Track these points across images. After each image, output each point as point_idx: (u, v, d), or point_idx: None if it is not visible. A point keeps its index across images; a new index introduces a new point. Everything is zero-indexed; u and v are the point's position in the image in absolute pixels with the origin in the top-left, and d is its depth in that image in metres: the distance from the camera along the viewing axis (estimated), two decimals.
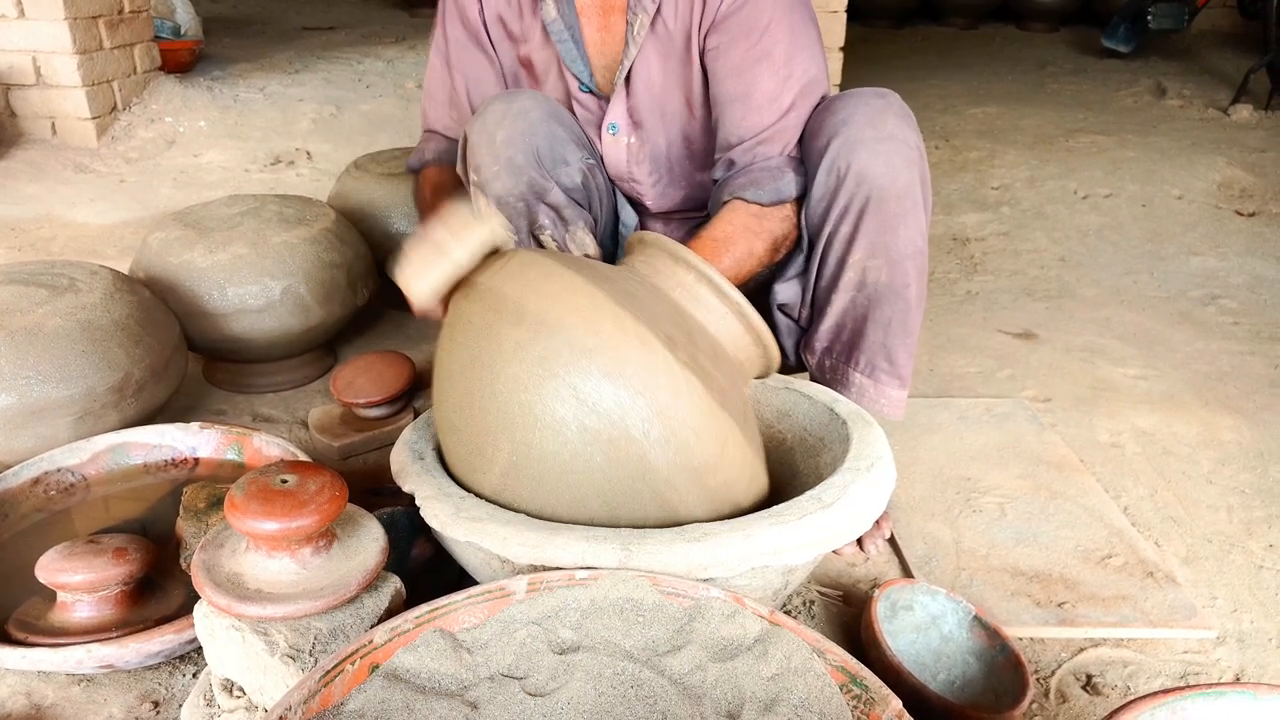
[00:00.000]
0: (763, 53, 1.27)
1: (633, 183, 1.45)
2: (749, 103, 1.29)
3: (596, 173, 1.40)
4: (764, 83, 1.27)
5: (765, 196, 1.28)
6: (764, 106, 1.28)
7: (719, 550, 0.85)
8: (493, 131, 1.28)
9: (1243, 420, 1.71)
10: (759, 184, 1.28)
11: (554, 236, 1.31)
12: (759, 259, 1.29)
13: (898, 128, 1.21)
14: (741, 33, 1.26)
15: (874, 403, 1.33)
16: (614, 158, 1.43)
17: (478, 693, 0.78)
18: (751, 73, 1.28)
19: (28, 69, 3.20)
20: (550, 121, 1.30)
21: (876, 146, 1.20)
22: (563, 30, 1.33)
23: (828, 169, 1.23)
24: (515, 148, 1.27)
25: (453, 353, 0.97)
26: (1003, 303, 2.32)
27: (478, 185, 1.31)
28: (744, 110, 1.29)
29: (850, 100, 1.25)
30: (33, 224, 2.72)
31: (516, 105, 1.30)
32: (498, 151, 1.27)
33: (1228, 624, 1.20)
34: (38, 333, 1.28)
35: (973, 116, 4.11)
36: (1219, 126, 3.98)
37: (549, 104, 1.33)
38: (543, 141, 1.29)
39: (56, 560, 1.01)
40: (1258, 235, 2.82)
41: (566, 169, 1.32)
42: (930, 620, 1.13)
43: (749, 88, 1.28)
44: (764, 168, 1.29)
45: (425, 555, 1.11)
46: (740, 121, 1.30)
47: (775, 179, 1.28)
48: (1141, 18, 5.14)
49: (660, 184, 1.45)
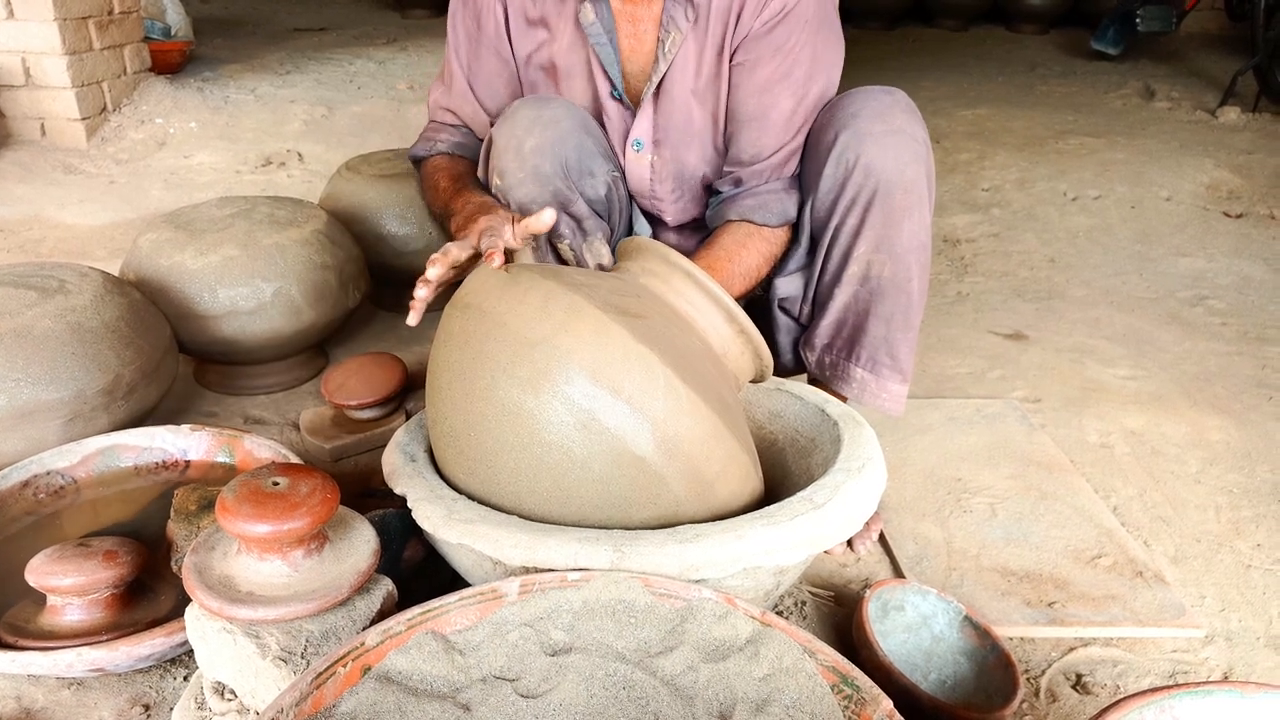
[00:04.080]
0: (785, 73, 1.28)
1: (654, 199, 1.44)
2: (765, 123, 1.30)
3: (620, 185, 1.39)
4: (783, 103, 1.29)
5: (773, 219, 1.32)
6: (780, 127, 1.30)
7: (711, 551, 0.85)
8: (522, 138, 1.27)
9: (1230, 420, 1.72)
10: (767, 208, 1.32)
11: (572, 246, 1.31)
12: (760, 277, 1.34)
13: (906, 122, 1.22)
14: (770, 52, 1.27)
15: (875, 398, 1.34)
16: (637, 174, 1.42)
17: (470, 694, 0.78)
18: (773, 93, 1.28)
19: (17, 70, 3.19)
20: (580, 132, 1.29)
21: (885, 140, 1.21)
22: (601, 34, 1.30)
23: (836, 160, 1.24)
24: (544, 156, 1.26)
25: (447, 358, 0.98)
26: (993, 304, 2.33)
27: (500, 190, 1.30)
28: (760, 131, 1.31)
29: (859, 96, 1.26)
30: (22, 225, 2.71)
31: (548, 113, 1.28)
32: (525, 159, 1.26)
33: (1216, 623, 1.21)
34: (27, 335, 1.28)
35: (963, 118, 4.13)
36: (1207, 128, 4.00)
37: (580, 114, 1.32)
38: (572, 152, 1.28)
39: (46, 563, 1.01)
40: (1245, 236, 2.84)
41: (592, 181, 1.31)
42: (921, 620, 1.13)
43: (768, 109, 1.29)
44: (771, 191, 1.32)
45: (417, 557, 1.11)
46: (755, 141, 1.31)
47: (782, 202, 1.32)
48: (1130, 20, 5.16)
49: (681, 200, 1.44)
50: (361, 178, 2.01)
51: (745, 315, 1.05)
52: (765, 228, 1.32)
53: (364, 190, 1.98)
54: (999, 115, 4.17)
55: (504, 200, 1.30)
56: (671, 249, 1.06)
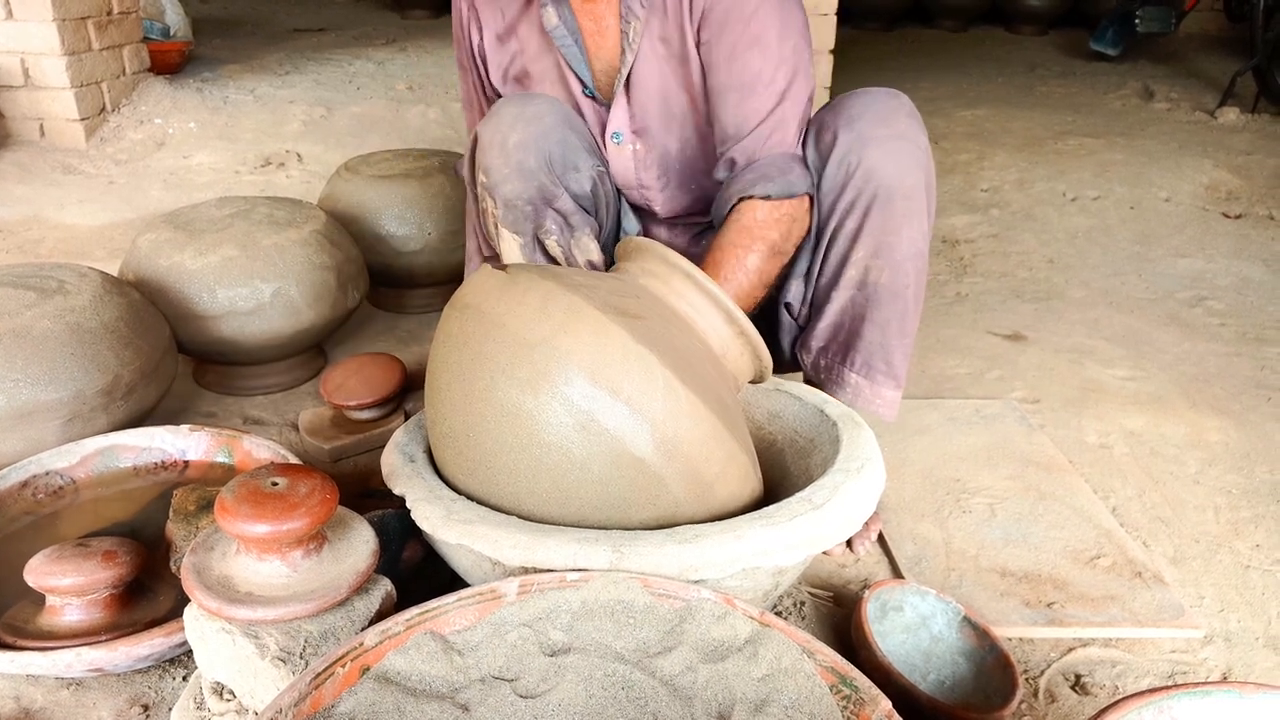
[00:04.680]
0: (753, 38, 1.24)
1: (642, 189, 1.44)
2: (743, 88, 1.26)
3: (605, 180, 1.39)
4: (756, 65, 1.25)
5: (775, 189, 1.23)
6: (759, 90, 1.25)
7: (709, 552, 0.85)
8: (506, 134, 1.27)
9: (1229, 421, 1.72)
10: (768, 178, 1.24)
11: (559, 242, 1.31)
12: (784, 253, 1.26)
13: (909, 128, 1.21)
14: (730, 21, 1.24)
15: (869, 403, 1.34)
16: (621, 167, 1.41)
17: (469, 695, 0.78)
18: (743, 59, 1.25)
19: (16, 70, 3.19)
20: (564, 127, 1.30)
21: (887, 144, 1.20)
22: (566, 35, 1.31)
23: (837, 163, 1.23)
24: (528, 151, 1.26)
25: (446, 358, 0.98)
26: (992, 304, 2.33)
27: (485, 187, 1.30)
28: (740, 97, 1.27)
29: (862, 98, 1.25)
30: (21, 226, 2.71)
31: (531, 109, 1.29)
32: (509, 154, 1.27)
33: (1215, 623, 1.21)
34: (26, 335, 1.28)
35: (962, 119, 4.13)
36: (1206, 129, 4.01)
37: (563, 109, 1.32)
38: (555, 147, 1.28)
39: (45, 564, 1.01)
40: (1244, 237, 2.84)
41: (577, 175, 1.31)
42: (920, 621, 1.13)
43: (742, 73, 1.26)
44: (770, 161, 1.26)
45: (416, 558, 1.11)
46: (737, 109, 1.27)
47: (784, 172, 1.24)
48: (1129, 21, 5.16)
49: (669, 188, 1.43)
50: (360, 178, 2.01)
51: (744, 316, 1.05)
52: (767, 201, 1.23)
53: (363, 191, 1.99)
54: (998, 116, 4.17)
55: (490, 196, 1.30)
56: (670, 249, 1.06)
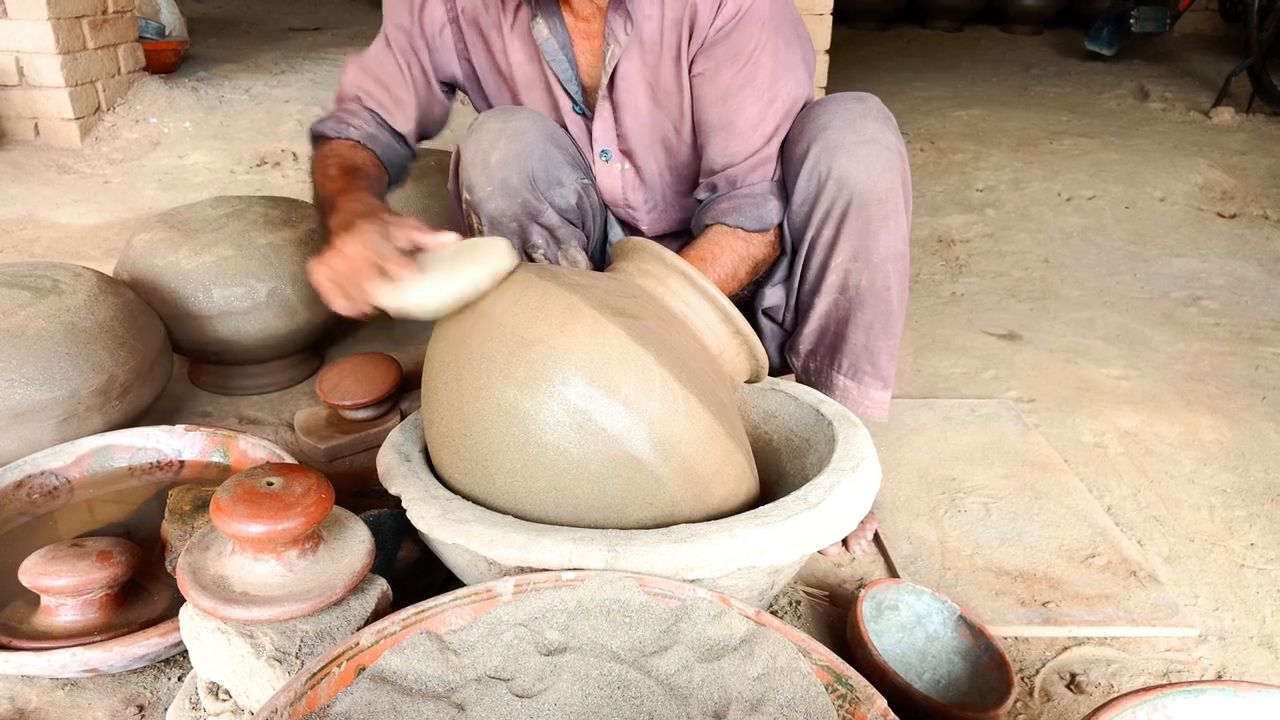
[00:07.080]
0: (748, 78, 1.25)
1: (629, 209, 1.44)
2: (733, 130, 1.28)
3: (591, 192, 1.39)
4: (748, 109, 1.26)
5: (749, 223, 1.29)
6: (747, 134, 1.28)
7: (705, 551, 0.85)
8: (488, 152, 1.27)
9: (1224, 420, 1.73)
10: (742, 211, 1.29)
11: (547, 255, 1.31)
12: (740, 281, 1.31)
13: (878, 131, 1.22)
14: (728, 58, 1.24)
15: (858, 404, 1.34)
16: (609, 185, 1.42)
17: (464, 694, 0.78)
18: (736, 100, 1.26)
19: (10, 69, 3.18)
20: (546, 143, 1.29)
21: (857, 151, 1.20)
22: (557, 50, 1.30)
23: (809, 174, 1.24)
24: (510, 169, 1.26)
25: (442, 358, 0.97)
26: (987, 304, 2.34)
27: (470, 205, 1.30)
28: (728, 138, 1.29)
29: (830, 105, 1.25)
30: (15, 225, 2.70)
31: (513, 125, 1.28)
32: (492, 172, 1.26)
33: (1210, 622, 1.21)
34: (21, 335, 1.27)
35: (957, 119, 4.13)
36: (1201, 129, 4.02)
37: (545, 124, 1.31)
38: (538, 163, 1.27)
39: (40, 564, 1.00)
40: (1238, 237, 2.85)
41: (561, 190, 1.31)
42: (915, 620, 1.14)
43: (733, 116, 1.27)
44: (748, 194, 1.29)
45: (412, 557, 1.11)
46: (724, 149, 1.29)
47: (759, 206, 1.29)
48: (1124, 21, 5.18)
49: (656, 210, 1.44)
50: None
51: (741, 316, 1.05)
52: (740, 230, 1.29)
53: None
54: (993, 116, 4.18)
55: (475, 214, 1.30)
56: (667, 249, 1.06)
